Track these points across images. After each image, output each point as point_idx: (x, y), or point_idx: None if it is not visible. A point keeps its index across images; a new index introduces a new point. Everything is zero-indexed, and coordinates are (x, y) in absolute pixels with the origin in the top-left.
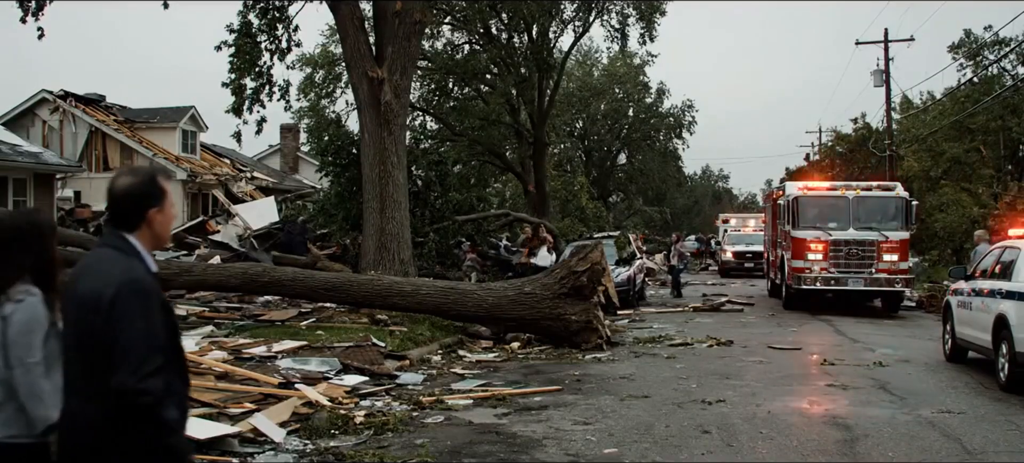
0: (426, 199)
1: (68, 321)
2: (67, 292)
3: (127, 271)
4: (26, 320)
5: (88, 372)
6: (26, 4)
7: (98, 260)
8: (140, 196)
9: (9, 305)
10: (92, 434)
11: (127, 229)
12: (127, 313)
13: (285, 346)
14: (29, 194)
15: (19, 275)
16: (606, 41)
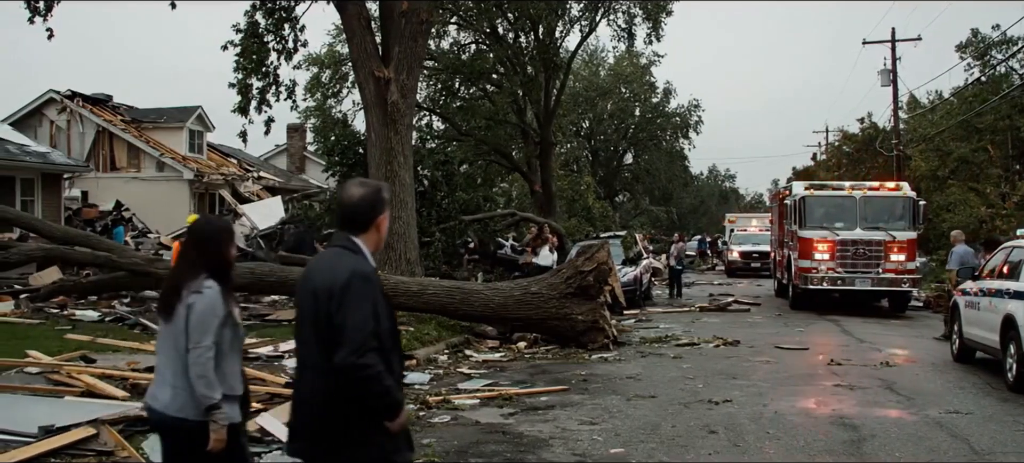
0: (433, 199)
1: (304, 310)
2: (302, 285)
3: (356, 265)
4: (205, 308)
5: (323, 353)
6: (34, 5)
7: (329, 258)
8: (371, 205)
9: (193, 295)
10: (324, 406)
11: (356, 232)
12: (353, 300)
13: (291, 346)
14: (37, 194)
15: (199, 271)
16: (613, 41)
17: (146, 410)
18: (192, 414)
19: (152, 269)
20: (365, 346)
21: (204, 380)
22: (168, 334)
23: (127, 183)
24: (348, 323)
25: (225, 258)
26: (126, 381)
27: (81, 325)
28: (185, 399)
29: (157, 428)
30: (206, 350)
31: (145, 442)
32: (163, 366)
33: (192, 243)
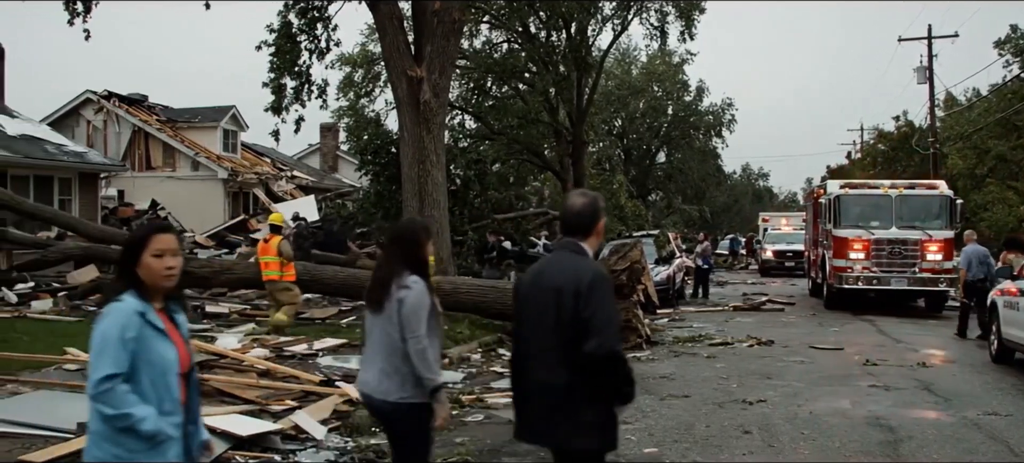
0: (465, 198)
1: (541, 307)
2: (535, 285)
3: (592, 267)
4: (415, 301)
5: (561, 345)
6: (73, 7)
7: (560, 260)
8: (593, 212)
9: (402, 290)
10: (564, 393)
11: (581, 237)
12: (600, 297)
13: (325, 344)
14: (74, 193)
15: (404, 268)
16: (645, 39)
17: (360, 394)
18: (400, 396)
19: (187, 267)
20: (615, 335)
21: (425, 365)
22: (377, 325)
23: (162, 182)
24: (598, 316)
25: (425, 256)
26: None
27: None
28: (396, 383)
29: (371, 410)
30: (422, 338)
31: None
32: (374, 354)
33: (396, 243)
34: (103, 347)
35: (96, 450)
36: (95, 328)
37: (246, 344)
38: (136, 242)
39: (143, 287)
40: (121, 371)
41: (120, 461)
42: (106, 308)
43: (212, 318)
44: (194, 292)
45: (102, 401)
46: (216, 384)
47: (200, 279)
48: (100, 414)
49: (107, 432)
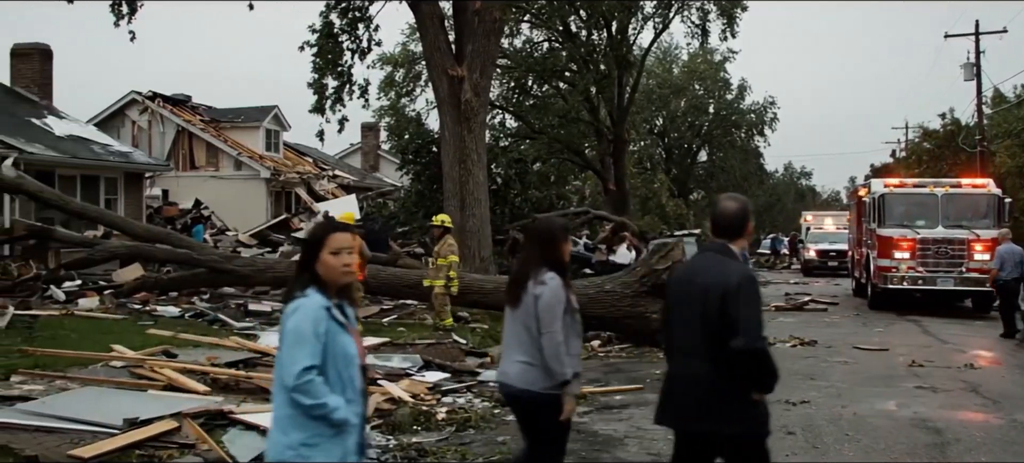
0: (506, 197)
1: (688, 304)
2: (682, 284)
3: (741, 268)
4: (551, 298)
5: (709, 341)
6: (118, 9)
7: (710, 261)
8: (744, 216)
9: (539, 287)
10: (708, 385)
11: (731, 239)
12: (748, 296)
13: (367, 342)
14: (120, 192)
15: (541, 265)
16: (686, 37)
17: (498, 384)
18: (539, 387)
19: (230, 266)
20: (760, 333)
21: (557, 359)
22: (516, 319)
23: (206, 182)
24: (745, 315)
25: (562, 254)
26: (206, 376)
27: (162, 321)
28: (534, 375)
29: (509, 400)
30: (556, 333)
31: (225, 436)
32: (512, 346)
33: (535, 241)
34: (299, 341)
35: (282, 436)
36: (286, 323)
37: None
38: (315, 241)
39: (322, 283)
40: (317, 363)
41: (306, 445)
42: (294, 304)
43: (255, 316)
44: (237, 290)
45: (301, 392)
46: (259, 382)
47: (243, 277)
48: (296, 403)
49: (296, 418)
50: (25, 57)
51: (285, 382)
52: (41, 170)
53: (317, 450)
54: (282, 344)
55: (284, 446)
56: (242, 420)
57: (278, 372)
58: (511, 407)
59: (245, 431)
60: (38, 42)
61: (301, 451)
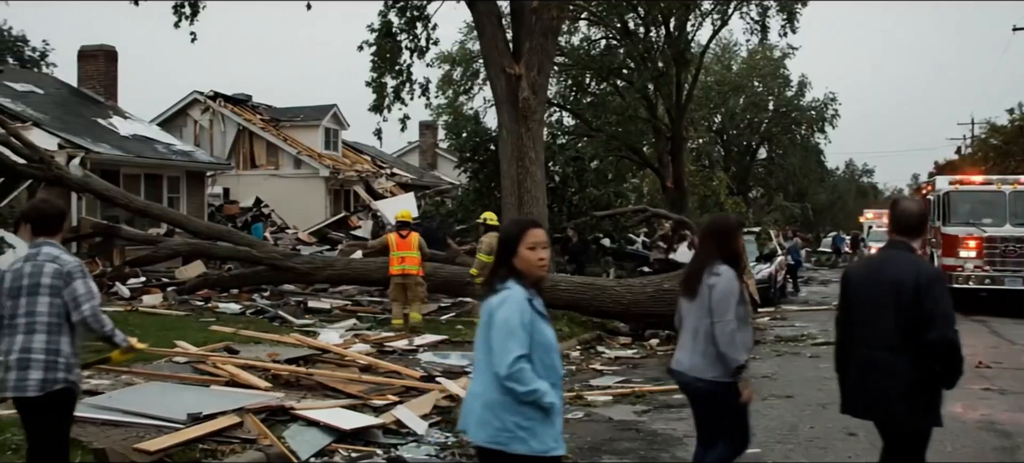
0: (563, 195)
1: (876, 297)
2: (868, 277)
3: (927, 266)
4: (724, 289)
5: (899, 332)
6: (181, 10)
7: (896, 257)
8: (922, 218)
9: (712, 278)
10: (904, 375)
11: (913, 238)
12: (938, 292)
13: (426, 340)
14: (182, 191)
15: (716, 258)
16: (745, 34)
17: (672, 373)
18: (713, 375)
19: (290, 263)
20: (953, 327)
21: (731, 346)
22: (691, 310)
23: (266, 180)
24: (938, 310)
25: (737, 248)
26: (267, 372)
27: (224, 317)
28: (706, 363)
29: (684, 389)
30: (729, 323)
31: (286, 432)
32: (688, 337)
33: (711, 236)
34: (511, 331)
35: (496, 420)
36: (495, 314)
37: (347, 340)
38: (513, 237)
39: (519, 276)
40: (526, 352)
41: (521, 427)
42: (500, 297)
43: (314, 313)
44: (296, 287)
45: (515, 380)
46: (319, 378)
47: (302, 275)
48: (509, 390)
49: (509, 404)
50: (91, 58)
51: (499, 371)
52: (107, 169)
53: (531, 433)
54: (494, 335)
55: (498, 429)
56: (303, 416)
57: (489, 360)
58: (687, 396)
59: (306, 427)
60: (104, 44)
61: (516, 434)
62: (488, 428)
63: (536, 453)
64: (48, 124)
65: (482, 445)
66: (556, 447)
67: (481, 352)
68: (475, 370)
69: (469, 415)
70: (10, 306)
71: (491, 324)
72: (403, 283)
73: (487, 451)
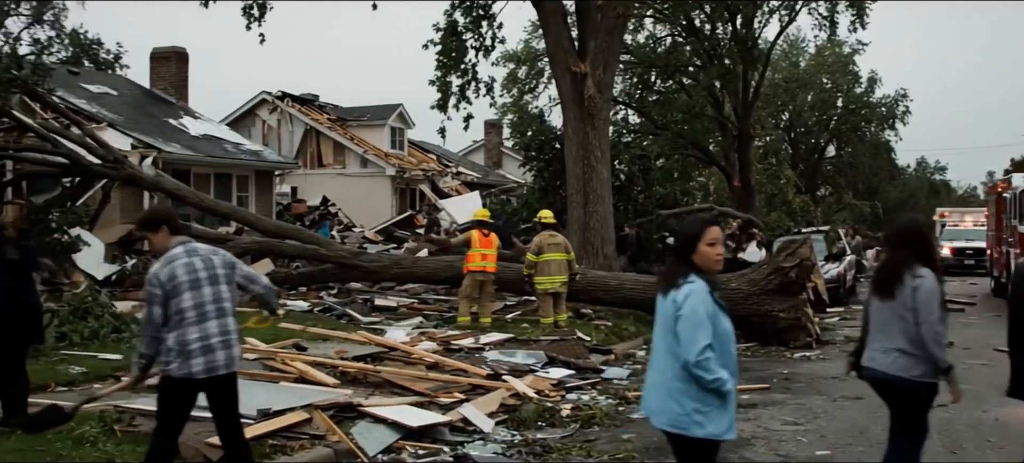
0: (629, 193)
1: None
2: None
3: None
4: (930, 290)
5: None
6: (250, 12)
7: None
8: None
9: (916, 280)
10: None
11: None
12: None
13: (492, 338)
14: (250, 190)
15: (915, 260)
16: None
17: (865, 370)
18: (912, 374)
19: (357, 262)
20: None
21: (940, 347)
22: (885, 310)
23: (333, 179)
24: None
25: (933, 251)
26: (335, 369)
27: (292, 315)
28: (907, 362)
29: (876, 386)
30: (936, 323)
31: (354, 428)
32: (882, 335)
33: (907, 237)
34: (699, 322)
35: (677, 406)
36: (682, 306)
37: (414, 337)
38: (696, 234)
39: (699, 270)
40: (711, 342)
41: (699, 413)
42: (685, 289)
43: (381, 311)
44: (363, 286)
45: (703, 368)
46: (386, 375)
47: (369, 273)
48: (689, 377)
49: (689, 391)
50: (163, 60)
51: (687, 359)
52: (177, 168)
53: (707, 418)
54: (682, 325)
55: (679, 414)
56: (371, 413)
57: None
58: (878, 392)
59: (374, 424)
60: (175, 45)
61: (695, 418)
62: (669, 413)
63: (712, 436)
64: (122, 125)
65: (664, 429)
66: (729, 431)
67: (660, 342)
68: (653, 359)
69: (650, 401)
70: (191, 297)
71: (678, 315)
72: (483, 280)
73: (670, 434)
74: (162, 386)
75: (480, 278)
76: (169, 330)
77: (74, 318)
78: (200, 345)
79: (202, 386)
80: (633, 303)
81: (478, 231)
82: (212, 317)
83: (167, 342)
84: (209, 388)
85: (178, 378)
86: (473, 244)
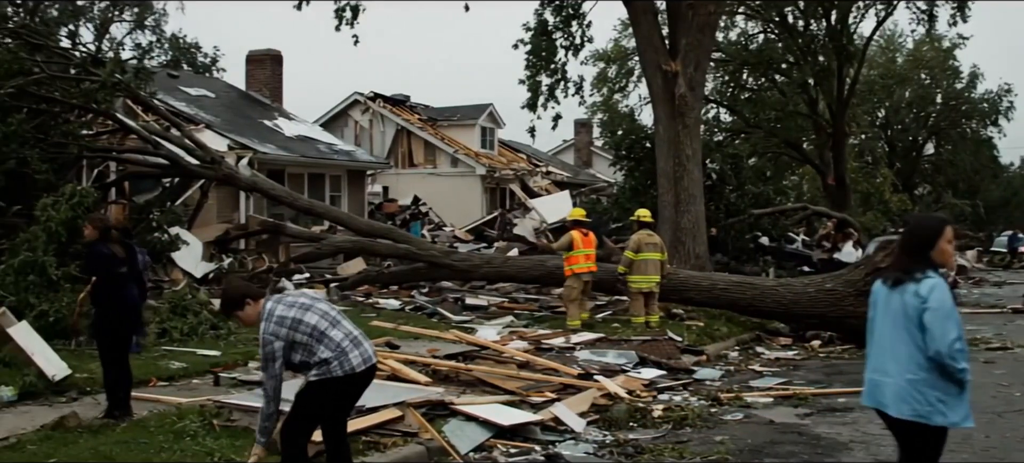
0: (721, 193)
1: None
2: None
3: None
4: None
5: None
6: (342, 14)
7: None
8: None
9: None
10: None
11: None
12: None
13: (583, 338)
14: (343, 189)
15: None
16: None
17: None
18: None
19: (448, 261)
20: None
21: None
22: None
23: (424, 179)
24: None
25: None
26: (427, 367)
27: (384, 313)
28: None
29: None
30: None
31: (446, 426)
32: None
33: None
34: (948, 314)
35: (919, 395)
36: (930, 299)
37: (505, 336)
38: (936, 231)
39: (936, 267)
40: (961, 333)
41: (941, 401)
42: (929, 283)
43: (472, 310)
44: (454, 285)
45: (955, 358)
46: (477, 374)
47: (460, 272)
48: (932, 367)
49: (931, 381)
50: (258, 62)
51: (939, 349)
52: (272, 169)
53: (949, 407)
54: (931, 318)
55: (920, 404)
56: (462, 411)
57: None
58: None
59: (465, 422)
60: (270, 48)
61: (938, 407)
62: (910, 403)
63: (953, 424)
64: (219, 126)
65: (905, 419)
66: (967, 419)
67: (891, 335)
68: (880, 352)
69: (882, 393)
70: (313, 313)
71: (924, 308)
72: (589, 280)
73: (909, 424)
74: (317, 389)
75: (586, 279)
76: (310, 351)
77: (174, 315)
78: (349, 341)
79: (359, 381)
80: (726, 303)
81: (578, 231)
82: (342, 320)
83: (318, 355)
84: (358, 384)
85: (339, 377)
86: (575, 245)
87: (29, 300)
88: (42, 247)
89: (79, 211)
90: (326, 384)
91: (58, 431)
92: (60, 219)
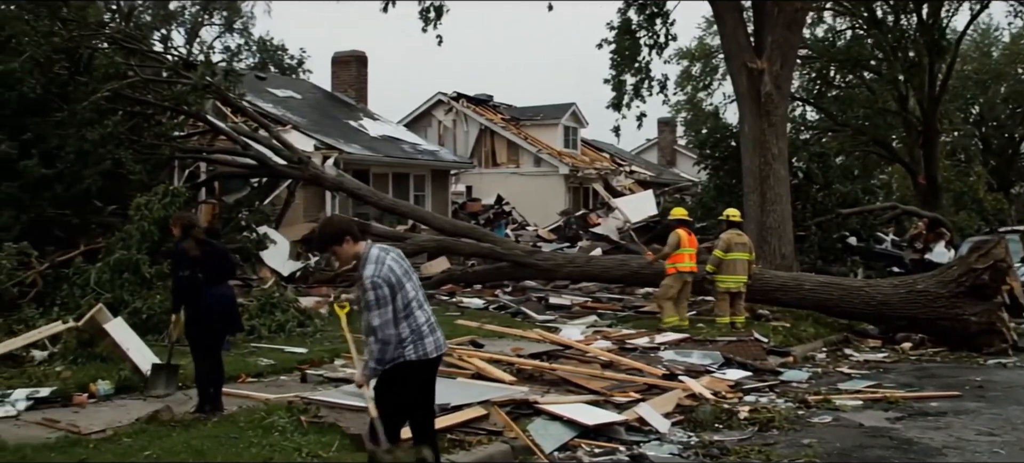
0: (807, 192)
1: None
2: None
3: None
4: None
5: None
6: (427, 15)
7: None
8: None
9: None
10: None
11: None
12: None
13: (667, 338)
14: (427, 189)
15: None
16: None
17: None
18: None
19: (532, 261)
20: None
21: None
22: None
23: (507, 178)
24: None
25: None
26: (511, 366)
27: (468, 312)
28: None
29: None
30: None
31: (530, 425)
32: None
33: None
34: None
35: None
36: None
37: (589, 336)
38: None
39: None
40: None
41: None
42: None
43: (555, 310)
44: (538, 284)
45: None
46: (561, 374)
47: (544, 271)
48: None
49: None
50: (344, 64)
51: None
52: (357, 169)
53: None
54: None
55: None
56: (547, 410)
57: None
58: None
59: (550, 421)
60: (355, 50)
61: None
62: None
63: None
64: (305, 127)
65: None
66: None
67: None
68: None
69: None
70: (410, 286)
71: None
72: (689, 280)
73: None
74: (394, 376)
75: (688, 278)
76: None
77: (262, 312)
78: (428, 326)
79: (432, 366)
80: (813, 304)
81: (683, 230)
82: (423, 305)
83: (399, 333)
84: (431, 370)
85: (413, 361)
86: (682, 243)
87: (124, 297)
88: (136, 245)
89: (171, 210)
90: (399, 368)
91: (152, 425)
92: (153, 218)
